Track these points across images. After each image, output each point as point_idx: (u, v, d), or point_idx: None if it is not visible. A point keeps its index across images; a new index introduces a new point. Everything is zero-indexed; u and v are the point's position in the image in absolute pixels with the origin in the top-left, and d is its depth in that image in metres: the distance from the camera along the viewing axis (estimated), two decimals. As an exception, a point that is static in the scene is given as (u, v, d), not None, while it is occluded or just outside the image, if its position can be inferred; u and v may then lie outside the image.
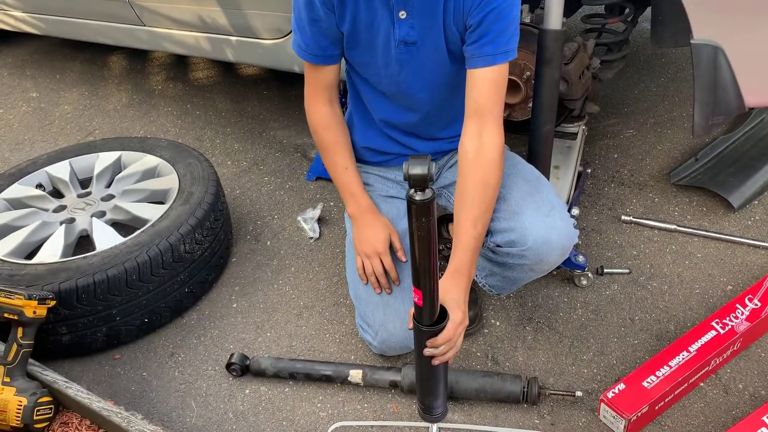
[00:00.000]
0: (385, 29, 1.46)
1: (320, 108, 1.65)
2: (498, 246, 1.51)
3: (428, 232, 1.06)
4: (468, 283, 1.40)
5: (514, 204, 1.49)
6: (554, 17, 1.54)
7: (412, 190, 1.01)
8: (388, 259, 1.63)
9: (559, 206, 1.51)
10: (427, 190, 1.01)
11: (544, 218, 1.46)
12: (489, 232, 1.51)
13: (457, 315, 1.30)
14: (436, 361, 1.27)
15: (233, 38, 2.43)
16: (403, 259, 1.65)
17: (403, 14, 1.42)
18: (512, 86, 1.90)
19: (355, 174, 1.70)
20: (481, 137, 1.42)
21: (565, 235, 1.47)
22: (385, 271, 1.63)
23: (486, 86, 1.41)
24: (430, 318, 1.21)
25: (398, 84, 1.55)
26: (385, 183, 1.79)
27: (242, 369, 1.69)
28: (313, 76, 1.61)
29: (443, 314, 1.25)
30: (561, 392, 1.54)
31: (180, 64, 3.76)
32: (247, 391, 1.68)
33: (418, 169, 0.98)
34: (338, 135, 1.67)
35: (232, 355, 1.70)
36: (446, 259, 1.89)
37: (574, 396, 1.53)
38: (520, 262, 1.49)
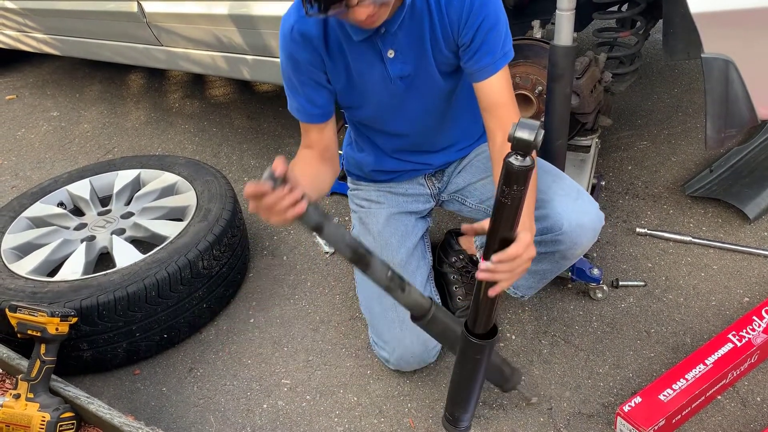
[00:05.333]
0: (379, 71, 1.48)
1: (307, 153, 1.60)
2: None
3: (518, 201, 1.01)
4: (528, 216, 1.30)
5: (542, 193, 1.50)
6: (565, 33, 1.55)
7: (514, 155, 0.96)
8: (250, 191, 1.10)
9: (583, 190, 1.54)
10: (528, 158, 0.96)
11: (574, 202, 1.48)
12: None
13: (527, 235, 1.16)
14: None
15: (249, 57, 2.47)
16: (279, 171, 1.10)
17: (391, 53, 1.44)
18: (524, 101, 1.92)
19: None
20: (505, 127, 1.41)
21: (595, 216, 1.51)
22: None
23: (495, 89, 1.43)
24: (485, 324, 1.20)
25: (402, 113, 1.58)
26: (395, 198, 1.80)
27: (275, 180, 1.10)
28: (310, 135, 1.58)
29: (494, 329, 1.24)
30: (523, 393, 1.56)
31: (197, 82, 3.82)
32: (265, 406, 1.70)
33: (525, 133, 0.92)
34: (307, 171, 1.53)
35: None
36: (459, 271, 1.91)
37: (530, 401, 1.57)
38: (554, 249, 1.50)
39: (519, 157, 0.96)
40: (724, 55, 1.45)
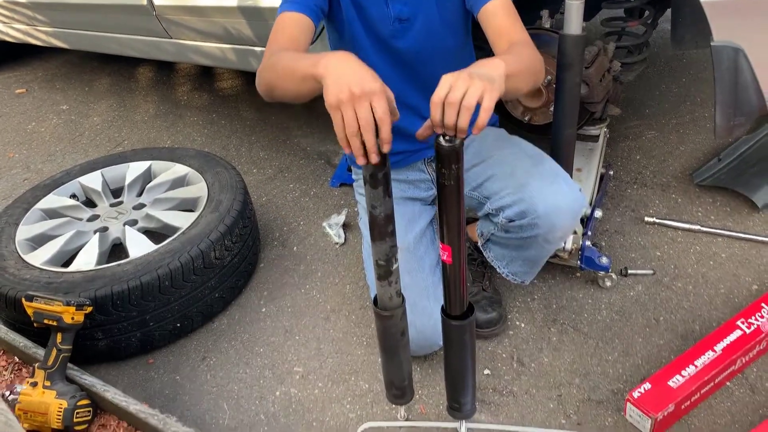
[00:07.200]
0: (378, 8, 1.51)
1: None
2: (510, 221, 1.53)
3: (457, 180, 1.04)
4: (502, 65, 1.14)
5: (520, 177, 1.52)
6: (574, 23, 1.56)
7: (441, 137, 1.00)
8: (383, 103, 1.01)
9: (563, 174, 1.55)
10: (455, 138, 1.00)
11: (550, 185, 1.49)
12: (500, 209, 1.55)
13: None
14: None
15: (258, 49, 2.48)
16: (396, 117, 1.07)
17: None
18: (534, 91, 1.92)
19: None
20: (512, 39, 1.39)
21: (572, 199, 1.51)
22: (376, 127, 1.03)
23: (501, 14, 1.42)
24: (460, 304, 1.20)
25: (394, 58, 1.58)
26: (397, 185, 1.81)
27: None
28: (292, 31, 1.40)
29: (471, 308, 1.25)
30: None
31: (205, 74, 3.83)
32: (278, 393, 1.72)
33: None
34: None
35: None
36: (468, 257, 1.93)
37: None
38: (534, 233, 1.52)
39: (447, 137, 1.00)
40: (734, 44, 1.46)
